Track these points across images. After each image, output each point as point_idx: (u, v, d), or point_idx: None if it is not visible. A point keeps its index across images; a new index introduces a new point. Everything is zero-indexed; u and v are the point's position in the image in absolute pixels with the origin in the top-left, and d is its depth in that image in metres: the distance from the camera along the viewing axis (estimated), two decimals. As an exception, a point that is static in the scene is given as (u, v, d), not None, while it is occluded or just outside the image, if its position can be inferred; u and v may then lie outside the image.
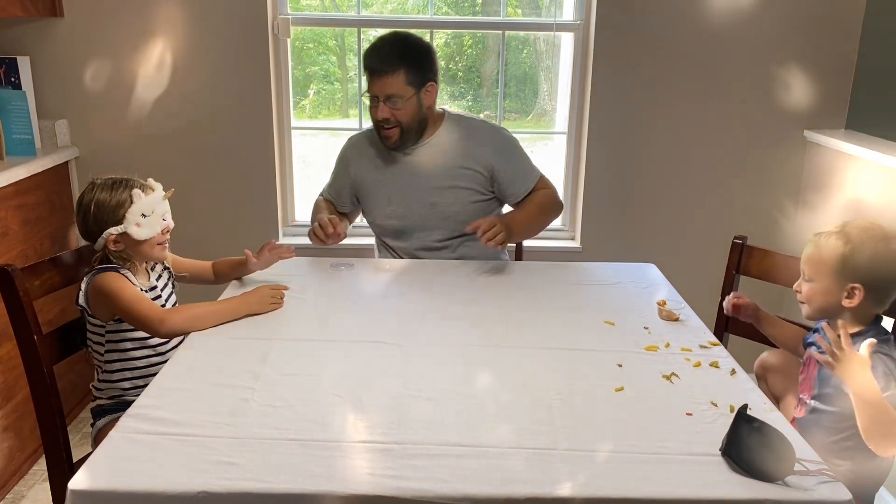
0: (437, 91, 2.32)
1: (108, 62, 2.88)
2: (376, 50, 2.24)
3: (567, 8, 3.09)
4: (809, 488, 1.22)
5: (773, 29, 2.89)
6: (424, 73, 2.26)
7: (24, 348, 1.73)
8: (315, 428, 1.37)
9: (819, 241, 1.64)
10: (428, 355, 1.68)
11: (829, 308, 1.64)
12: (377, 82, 2.23)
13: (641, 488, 1.22)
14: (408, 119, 2.26)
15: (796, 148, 3.02)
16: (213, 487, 1.20)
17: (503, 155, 2.35)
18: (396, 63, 2.20)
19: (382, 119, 2.25)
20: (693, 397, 1.51)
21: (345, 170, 2.45)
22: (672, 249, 3.08)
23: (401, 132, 2.28)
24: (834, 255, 1.60)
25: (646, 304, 2.00)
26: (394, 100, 2.23)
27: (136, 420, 1.38)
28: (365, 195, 2.43)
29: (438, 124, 2.37)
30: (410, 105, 2.25)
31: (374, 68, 2.22)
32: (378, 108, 2.24)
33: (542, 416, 1.43)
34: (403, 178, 2.36)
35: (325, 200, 2.52)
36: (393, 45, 2.24)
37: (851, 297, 1.59)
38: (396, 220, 2.39)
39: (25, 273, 1.75)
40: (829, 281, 1.62)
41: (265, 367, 1.60)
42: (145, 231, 1.82)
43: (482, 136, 2.37)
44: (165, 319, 1.75)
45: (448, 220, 2.35)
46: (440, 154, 2.34)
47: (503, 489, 1.21)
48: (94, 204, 1.82)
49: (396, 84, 2.21)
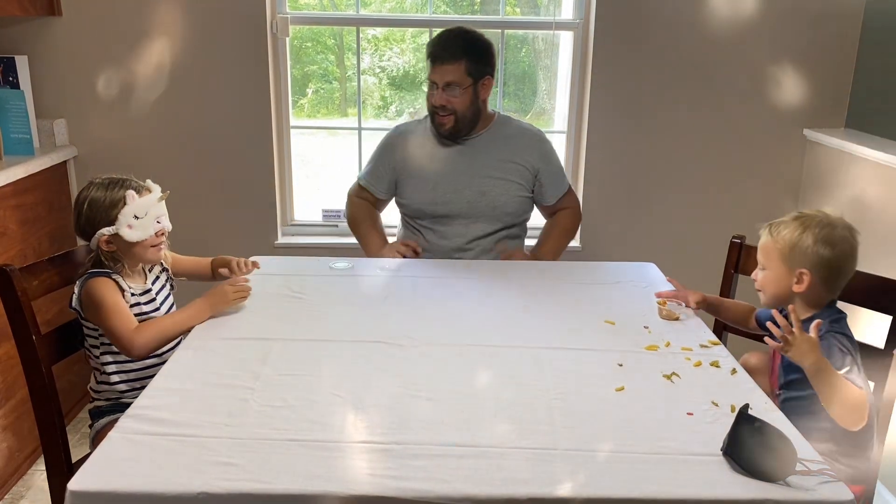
0: (492, 86, 2.43)
1: (106, 61, 2.87)
2: (442, 39, 2.37)
3: (566, 6, 3.09)
4: (811, 488, 1.22)
5: (772, 27, 2.89)
6: (483, 66, 2.38)
7: (23, 348, 1.73)
8: (315, 428, 1.37)
9: (770, 229, 1.72)
10: (428, 355, 1.68)
11: (781, 295, 1.70)
12: (439, 69, 2.34)
13: (642, 488, 1.22)
14: (463, 108, 2.37)
15: (796, 146, 3.02)
16: (213, 488, 1.19)
17: (546, 159, 2.50)
18: (459, 53, 2.33)
19: (439, 105, 2.37)
20: (694, 397, 1.51)
21: (389, 155, 2.51)
22: (672, 248, 3.08)
23: (455, 120, 2.39)
24: (782, 242, 1.67)
25: (646, 304, 2.00)
26: (452, 87, 2.34)
27: (136, 421, 1.38)
28: (407, 179, 2.48)
29: (490, 121, 2.50)
30: (467, 95, 2.36)
31: (437, 55, 2.34)
32: (436, 94, 2.36)
33: (542, 415, 1.43)
34: (453, 166, 2.44)
35: (360, 189, 2.57)
36: (458, 37, 2.37)
37: (801, 282, 1.65)
38: (441, 205, 2.44)
39: (24, 273, 1.75)
40: (780, 268, 1.68)
41: (265, 367, 1.59)
42: (137, 233, 1.81)
43: (531, 137, 2.50)
44: (133, 343, 1.74)
45: (495, 209, 2.45)
46: (492, 147, 2.46)
47: (504, 489, 1.21)
48: (88, 203, 1.81)
49: (457, 73, 2.33)
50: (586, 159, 3.03)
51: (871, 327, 1.96)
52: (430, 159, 2.45)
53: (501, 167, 2.44)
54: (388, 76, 4.05)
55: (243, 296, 1.92)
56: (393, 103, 4.08)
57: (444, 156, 2.45)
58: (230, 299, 1.88)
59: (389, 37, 3.92)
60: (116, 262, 1.83)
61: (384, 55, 4.03)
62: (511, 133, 2.49)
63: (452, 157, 2.45)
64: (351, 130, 3.28)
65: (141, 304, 1.86)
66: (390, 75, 4.04)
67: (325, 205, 3.23)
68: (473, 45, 2.36)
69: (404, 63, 3.96)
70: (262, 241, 3.06)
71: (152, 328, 1.78)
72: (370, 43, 3.62)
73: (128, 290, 1.83)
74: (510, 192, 2.44)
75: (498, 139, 2.47)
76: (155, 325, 1.79)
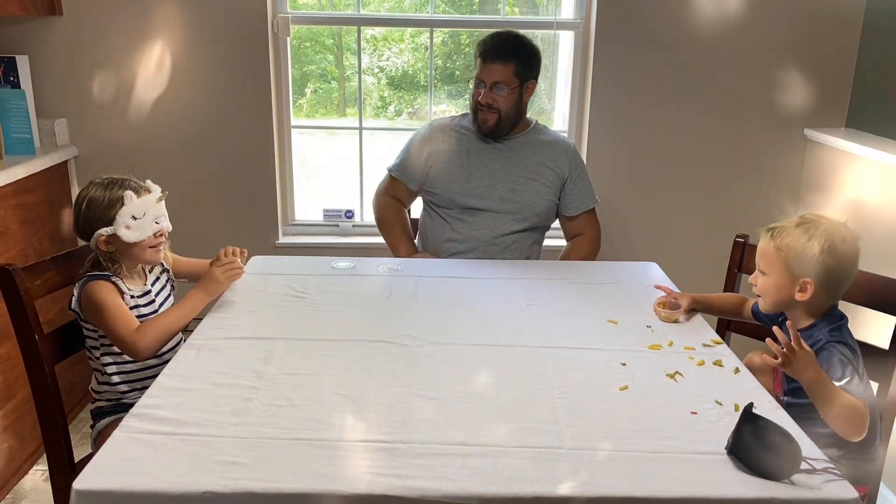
0: (534, 90, 2.50)
1: (107, 61, 2.87)
2: (494, 39, 2.42)
3: (567, 6, 3.09)
4: (816, 487, 1.22)
5: (773, 27, 2.89)
6: (530, 71, 2.44)
7: (26, 348, 1.72)
8: (319, 427, 1.37)
9: (773, 235, 1.67)
10: (431, 354, 1.67)
11: (783, 302, 1.68)
12: (489, 68, 2.40)
13: (647, 487, 1.22)
14: (507, 108, 2.43)
15: (797, 146, 3.02)
16: (218, 487, 1.19)
17: (576, 171, 2.54)
18: (510, 54, 2.39)
19: (485, 103, 2.41)
20: (697, 396, 1.51)
21: (425, 146, 2.54)
22: (673, 248, 3.08)
23: (498, 119, 2.44)
24: (786, 250, 1.63)
25: (648, 303, 2.00)
26: (499, 86, 2.40)
27: (140, 420, 1.37)
28: (441, 169, 2.50)
29: (527, 126, 2.55)
30: (512, 96, 2.42)
31: (489, 54, 2.40)
32: (482, 92, 2.41)
33: (546, 415, 1.43)
34: (489, 161, 2.49)
35: (392, 181, 2.59)
36: (510, 38, 2.43)
37: (804, 291, 1.62)
38: (473, 197, 2.47)
39: (26, 272, 1.74)
40: (782, 276, 1.65)
41: (268, 366, 1.59)
42: (135, 234, 1.80)
43: (564, 147, 2.55)
44: (137, 346, 1.74)
45: (525, 208, 2.48)
46: (528, 149, 2.51)
47: (509, 488, 1.21)
48: (87, 203, 1.80)
49: (505, 73, 2.39)
50: (587, 159, 3.03)
51: (873, 327, 1.96)
52: (467, 153, 2.50)
53: (535, 169, 2.48)
54: (386, 76, 4.05)
55: (234, 275, 1.91)
56: (392, 103, 4.08)
57: (481, 151, 2.50)
58: (221, 280, 1.88)
59: (388, 36, 3.92)
60: (115, 262, 1.82)
61: (383, 55, 4.03)
62: (547, 140, 2.54)
63: (489, 152, 2.50)
64: (351, 130, 3.28)
65: (140, 307, 1.86)
66: (389, 75, 4.04)
67: (325, 204, 3.23)
68: (524, 49, 2.43)
69: (403, 63, 3.95)
70: (262, 241, 3.06)
71: (153, 328, 1.77)
72: (369, 43, 3.62)
73: (127, 292, 1.83)
74: (541, 194, 2.48)
75: (534, 143, 2.52)
76: (155, 325, 1.78)
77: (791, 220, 1.68)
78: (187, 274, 2.07)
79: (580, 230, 2.57)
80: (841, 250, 1.60)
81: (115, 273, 1.82)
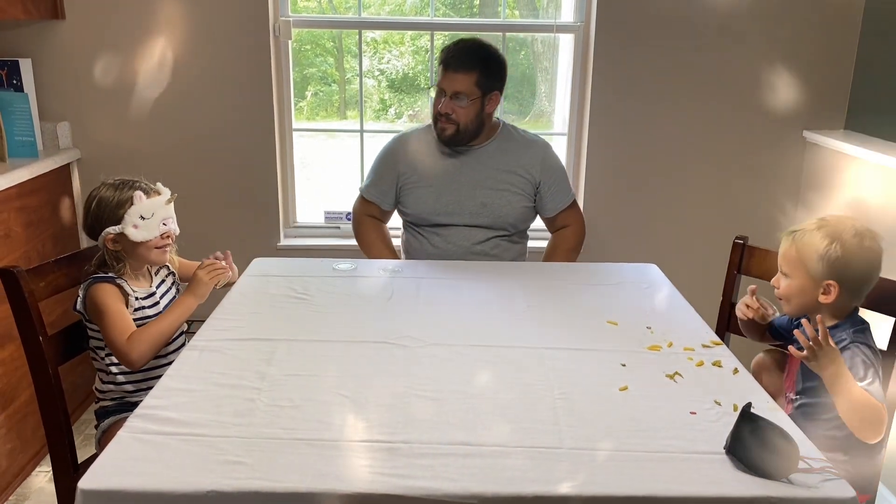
0: (499, 101, 2.43)
1: (109, 64, 2.88)
2: (457, 47, 2.36)
3: (567, 9, 3.10)
4: (813, 486, 1.23)
5: (771, 29, 2.90)
6: (493, 81, 2.38)
7: (30, 350, 1.74)
8: (322, 427, 1.38)
9: (795, 237, 1.67)
10: (432, 355, 1.69)
11: (806, 304, 1.68)
12: (449, 77, 2.34)
13: (646, 486, 1.23)
14: (466, 119, 2.37)
15: (795, 148, 3.03)
16: (222, 487, 1.20)
17: (549, 171, 2.50)
18: (473, 64, 2.33)
19: (444, 113, 2.36)
20: (696, 396, 1.52)
21: (392, 166, 2.51)
22: (673, 250, 3.09)
23: (457, 130, 2.39)
24: (809, 253, 1.63)
25: (648, 304, 2.01)
26: (459, 97, 2.34)
27: (144, 420, 1.39)
28: (410, 189, 2.49)
29: (493, 133, 2.50)
30: (473, 107, 2.36)
31: (450, 63, 2.34)
32: (443, 101, 2.36)
33: (546, 415, 1.44)
34: (456, 176, 2.45)
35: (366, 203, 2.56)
36: (473, 48, 2.36)
37: (827, 293, 1.62)
38: (444, 215, 2.46)
39: (31, 274, 1.76)
40: (806, 278, 1.65)
41: (270, 367, 1.61)
42: (142, 233, 1.82)
43: (535, 149, 2.50)
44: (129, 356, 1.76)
45: (498, 220, 2.46)
46: (495, 157, 2.46)
47: (510, 487, 1.22)
48: (97, 201, 1.84)
49: (466, 83, 2.33)
50: (587, 161, 3.05)
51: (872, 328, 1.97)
52: (434, 169, 2.46)
53: (504, 178, 2.45)
54: (387, 78, 4.06)
55: (217, 275, 1.92)
56: (392, 105, 4.10)
57: (448, 165, 2.46)
58: (206, 281, 1.89)
59: (388, 39, 3.94)
60: (120, 261, 1.85)
61: (383, 58, 4.05)
62: (515, 144, 2.49)
63: (456, 166, 2.46)
64: (352, 133, 3.29)
65: (145, 308, 1.88)
66: (389, 78, 4.06)
67: (327, 206, 3.25)
68: (488, 59, 2.37)
69: (403, 66, 3.97)
70: (264, 243, 3.07)
71: (145, 338, 1.78)
72: (369, 45, 3.64)
73: (132, 294, 1.84)
74: (512, 203, 2.46)
75: (501, 150, 2.47)
76: (147, 334, 1.79)
77: (812, 222, 1.67)
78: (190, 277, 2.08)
79: (563, 223, 2.57)
80: (863, 252, 1.60)
81: (120, 272, 1.84)
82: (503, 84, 2.43)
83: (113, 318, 1.77)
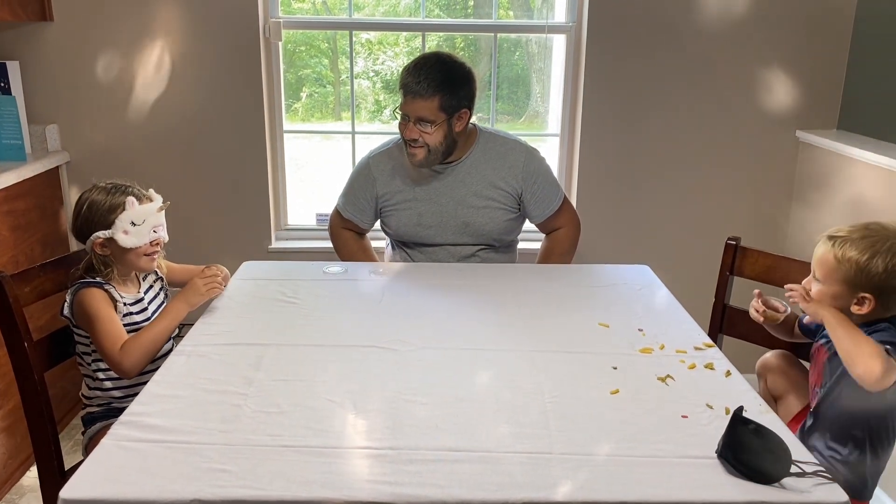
0: (469, 116, 2.33)
1: (98, 66, 2.86)
2: (416, 71, 2.23)
3: (559, 10, 3.09)
4: (806, 490, 1.22)
5: (764, 30, 2.90)
6: (459, 101, 2.26)
7: (15, 356, 1.72)
8: (309, 434, 1.36)
9: (835, 244, 1.61)
10: (422, 360, 1.67)
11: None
12: (410, 103, 2.24)
13: (637, 491, 1.22)
14: (435, 143, 2.27)
15: (789, 148, 3.02)
16: (206, 495, 1.19)
17: (531, 179, 2.40)
18: (433, 88, 2.21)
19: (410, 139, 2.27)
20: (688, 399, 1.51)
21: (370, 188, 2.43)
22: (666, 251, 3.08)
23: (427, 152, 2.29)
24: (847, 263, 1.58)
25: (640, 306, 2.00)
26: (423, 123, 2.24)
27: (128, 427, 1.37)
28: (390, 210, 2.44)
29: (470, 144, 2.40)
30: (440, 130, 2.26)
31: (410, 89, 2.23)
32: (407, 127, 2.26)
33: (536, 419, 1.43)
34: (436, 196, 2.39)
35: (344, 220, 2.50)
36: (433, 69, 2.22)
37: (861, 304, 1.58)
38: (426, 237, 2.42)
39: (16, 279, 1.74)
40: (841, 287, 1.60)
41: (258, 372, 1.59)
42: (132, 240, 1.81)
43: (513, 157, 2.39)
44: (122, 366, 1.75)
45: (481, 236, 2.43)
46: (473, 172, 2.39)
47: (499, 494, 1.20)
48: (88, 204, 1.82)
49: (429, 108, 2.22)
50: (580, 162, 3.04)
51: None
52: (412, 189, 2.39)
53: (484, 193, 2.37)
54: (381, 80, 4.05)
55: (213, 289, 1.90)
56: (387, 107, 4.08)
57: (425, 185, 2.39)
58: (202, 291, 1.88)
59: (383, 40, 3.92)
60: (108, 266, 1.83)
61: (378, 59, 4.03)
62: (493, 154, 2.39)
63: (434, 186, 2.38)
64: (345, 134, 3.27)
65: (133, 314, 1.86)
66: (384, 79, 4.05)
67: (318, 209, 3.23)
68: (449, 79, 2.23)
69: (398, 66, 3.96)
70: (255, 246, 3.05)
71: (138, 346, 1.76)
72: (363, 47, 3.62)
73: (120, 300, 1.82)
74: (495, 220, 2.40)
75: (479, 164, 2.38)
76: (140, 343, 1.77)
77: (854, 229, 1.62)
78: (180, 281, 2.05)
79: (555, 225, 2.50)
80: None
81: (108, 277, 1.82)
82: (472, 99, 2.30)
83: (104, 326, 1.75)
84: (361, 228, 2.52)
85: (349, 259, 2.49)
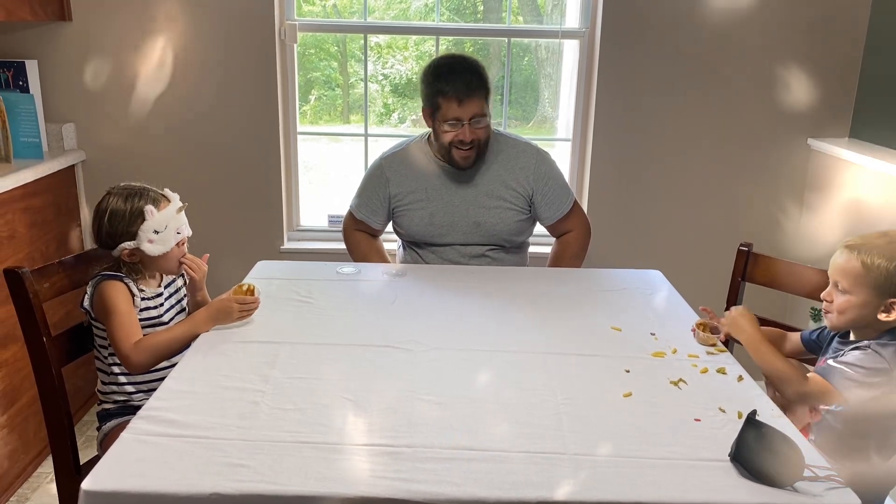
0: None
1: (115, 66, 2.89)
2: (457, 75, 2.28)
3: (572, 15, 3.11)
4: (818, 494, 1.23)
5: (777, 38, 2.90)
6: (490, 92, 2.35)
7: (34, 350, 1.74)
8: (325, 431, 1.38)
9: (860, 252, 1.60)
10: (436, 360, 1.69)
11: (862, 320, 1.63)
12: (466, 104, 2.27)
13: (650, 493, 1.23)
14: (485, 138, 2.35)
15: (800, 156, 3.03)
16: (225, 489, 1.20)
17: (541, 181, 2.44)
18: (478, 84, 2.28)
19: (469, 141, 2.30)
20: (701, 403, 1.52)
21: (383, 188, 2.46)
22: (677, 256, 3.09)
23: (478, 151, 2.35)
24: (876, 271, 1.57)
25: (652, 311, 2.01)
26: (478, 119, 2.30)
27: (147, 422, 1.39)
28: (402, 211, 2.46)
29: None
30: (488, 122, 2.34)
31: (460, 91, 2.26)
32: (463, 129, 2.29)
33: (550, 420, 1.44)
34: (448, 197, 2.42)
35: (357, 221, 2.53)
36: (469, 69, 2.30)
37: (889, 311, 1.58)
38: (438, 236, 2.44)
39: (35, 275, 1.76)
40: (868, 295, 1.59)
41: (274, 370, 1.60)
42: (158, 247, 1.82)
43: (525, 158, 2.44)
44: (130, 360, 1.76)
45: (492, 236, 2.44)
46: (486, 173, 2.43)
47: (513, 492, 1.22)
48: (108, 216, 1.81)
49: (480, 104, 2.29)
50: (591, 167, 3.05)
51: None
52: (424, 189, 2.42)
53: (496, 194, 2.41)
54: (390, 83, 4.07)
55: (246, 315, 1.86)
56: (395, 110, 4.10)
57: (439, 185, 2.42)
58: (234, 317, 1.84)
59: (392, 44, 3.95)
60: (138, 272, 1.85)
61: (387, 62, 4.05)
62: (505, 155, 2.43)
63: (447, 186, 2.42)
64: (356, 137, 3.29)
65: (150, 308, 1.88)
66: (393, 82, 4.07)
67: (330, 210, 3.25)
68: (482, 73, 2.32)
69: (407, 70, 3.98)
70: (268, 246, 3.07)
71: (151, 347, 1.77)
72: (373, 50, 3.65)
73: (138, 294, 1.84)
74: (506, 220, 2.43)
75: (492, 164, 2.42)
76: (154, 343, 1.78)
77: (877, 236, 1.62)
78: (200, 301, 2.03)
79: (565, 229, 2.53)
80: None
81: (136, 280, 1.84)
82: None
83: (121, 319, 1.77)
84: (374, 229, 2.54)
85: (362, 260, 2.51)
